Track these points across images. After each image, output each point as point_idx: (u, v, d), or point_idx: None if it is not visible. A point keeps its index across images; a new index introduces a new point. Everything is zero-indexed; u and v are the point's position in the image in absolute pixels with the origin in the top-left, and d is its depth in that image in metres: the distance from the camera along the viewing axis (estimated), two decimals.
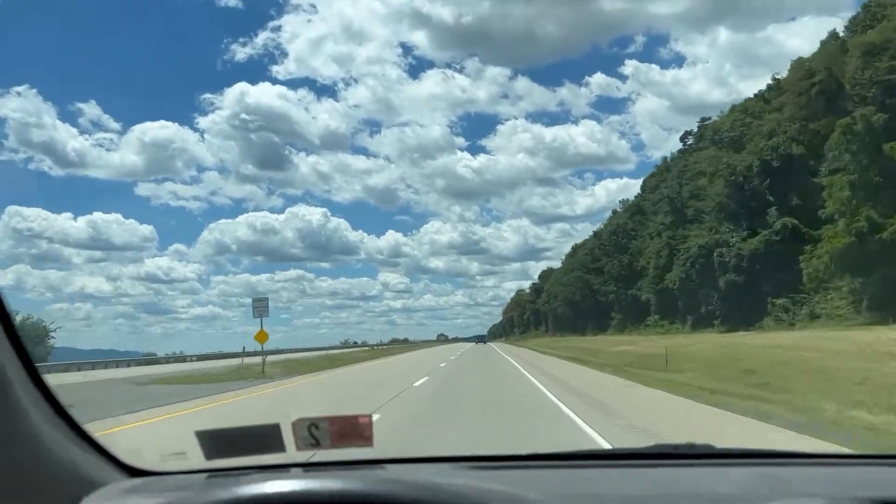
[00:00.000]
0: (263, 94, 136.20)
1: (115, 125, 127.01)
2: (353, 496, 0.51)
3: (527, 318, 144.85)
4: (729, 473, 1.66)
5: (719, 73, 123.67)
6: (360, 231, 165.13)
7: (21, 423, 1.01)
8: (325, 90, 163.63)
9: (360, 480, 0.56)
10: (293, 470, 1.24)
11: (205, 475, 1.27)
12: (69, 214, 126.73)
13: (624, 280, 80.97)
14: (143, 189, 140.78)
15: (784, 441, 7.66)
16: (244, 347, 30.07)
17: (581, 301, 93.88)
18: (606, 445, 7.33)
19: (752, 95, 68.63)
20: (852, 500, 1.24)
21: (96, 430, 1.43)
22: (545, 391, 15.18)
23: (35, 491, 1.01)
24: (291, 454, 1.11)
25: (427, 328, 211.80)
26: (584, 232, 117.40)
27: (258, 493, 0.53)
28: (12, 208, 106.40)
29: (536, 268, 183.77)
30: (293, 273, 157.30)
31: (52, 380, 1.22)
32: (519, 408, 12.27)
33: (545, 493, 0.50)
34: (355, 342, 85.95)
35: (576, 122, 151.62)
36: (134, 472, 1.32)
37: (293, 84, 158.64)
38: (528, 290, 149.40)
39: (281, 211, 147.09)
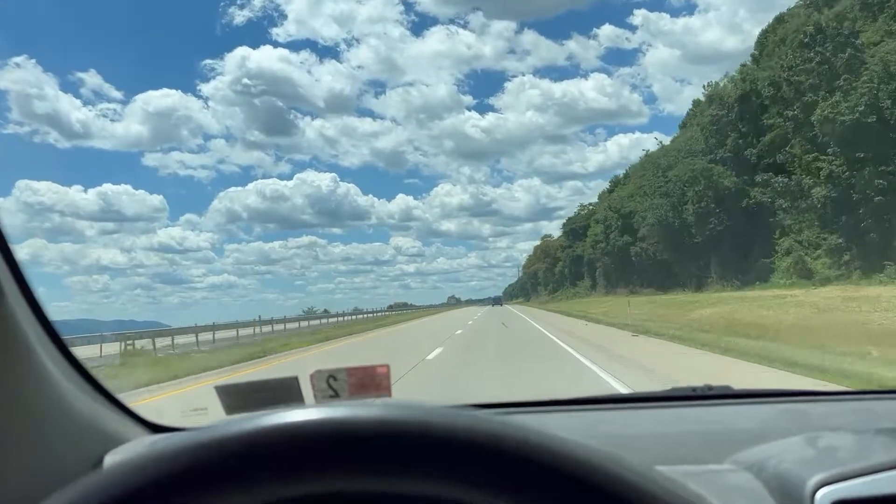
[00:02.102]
0: (265, 58, 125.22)
1: (118, 94, 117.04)
2: (367, 423, 0.50)
3: (560, 271, 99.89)
4: (748, 411, 1.65)
5: (733, 19, 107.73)
6: (370, 196, 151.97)
7: (47, 385, 1.08)
8: (326, 51, 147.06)
9: (375, 407, 0.53)
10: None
11: None
12: (79, 187, 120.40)
13: (876, 155, 32.35)
14: (150, 159, 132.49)
15: None
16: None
17: (690, 227, 46.12)
18: None
19: None
20: (877, 430, 1.20)
21: None
22: None
23: (61, 448, 1.10)
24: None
25: (441, 291, 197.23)
26: (596, 189, 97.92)
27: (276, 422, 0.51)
28: (22, 182, 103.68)
29: (549, 227, 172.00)
30: (305, 240, 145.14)
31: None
32: None
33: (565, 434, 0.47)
34: (325, 310, 58.96)
35: (585, 75, 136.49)
36: (156, 428, 1.40)
37: (294, 46, 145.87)
38: (558, 236, 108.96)
39: (289, 177, 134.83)
